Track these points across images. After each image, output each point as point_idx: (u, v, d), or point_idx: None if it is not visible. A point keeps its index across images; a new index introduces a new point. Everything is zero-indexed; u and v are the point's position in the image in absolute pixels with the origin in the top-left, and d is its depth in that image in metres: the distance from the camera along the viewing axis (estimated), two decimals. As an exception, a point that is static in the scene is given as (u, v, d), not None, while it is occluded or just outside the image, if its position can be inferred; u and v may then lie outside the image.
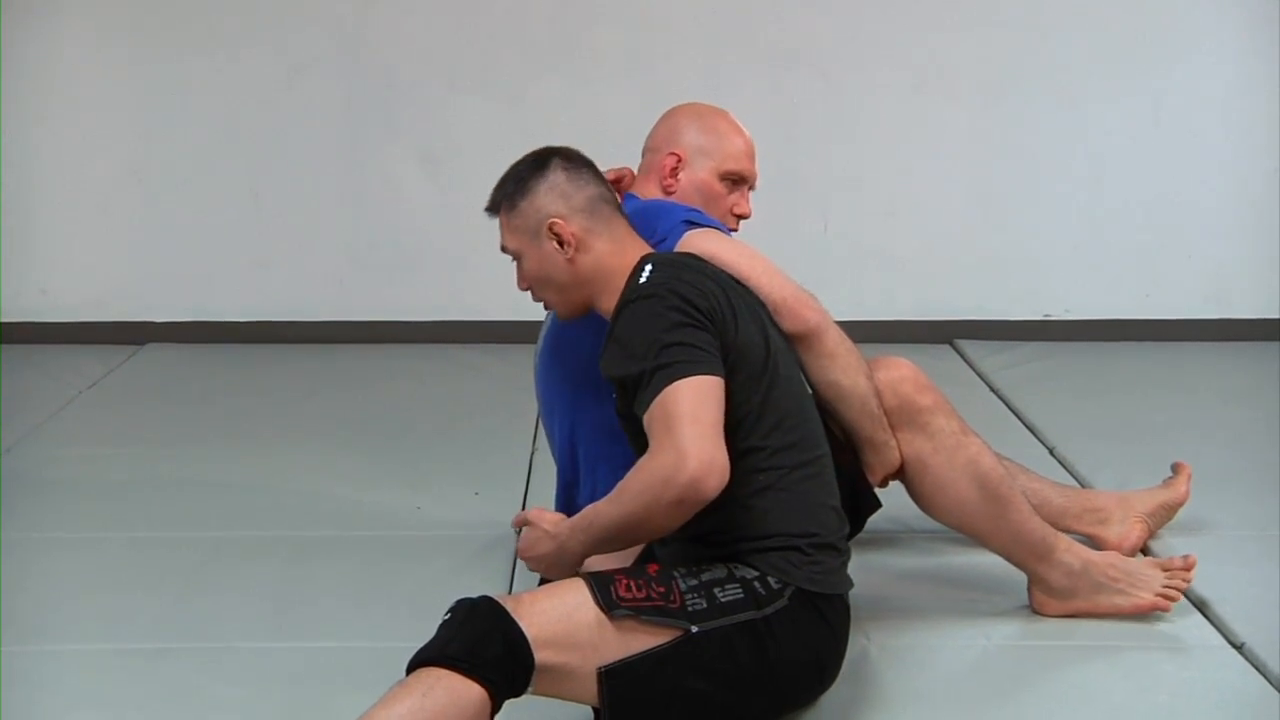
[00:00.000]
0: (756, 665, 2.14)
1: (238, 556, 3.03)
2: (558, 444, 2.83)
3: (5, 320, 4.88)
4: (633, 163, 2.91)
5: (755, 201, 2.86)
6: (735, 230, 2.80)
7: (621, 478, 2.18)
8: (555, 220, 2.34)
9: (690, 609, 2.12)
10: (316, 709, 2.36)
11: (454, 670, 1.98)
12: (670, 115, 2.86)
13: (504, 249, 2.44)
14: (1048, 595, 2.65)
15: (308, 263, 4.97)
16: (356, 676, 2.37)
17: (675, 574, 2.17)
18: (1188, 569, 2.66)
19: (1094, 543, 2.85)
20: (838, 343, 2.54)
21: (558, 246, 2.34)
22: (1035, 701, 2.41)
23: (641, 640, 2.09)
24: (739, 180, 2.81)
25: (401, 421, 4.08)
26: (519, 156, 2.43)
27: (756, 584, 2.17)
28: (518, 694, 2.05)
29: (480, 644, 2.00)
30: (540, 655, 2.03)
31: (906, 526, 3.05)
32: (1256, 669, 2.51)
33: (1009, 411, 4.12)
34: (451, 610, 2.08)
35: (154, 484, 3.50)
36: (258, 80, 4.88)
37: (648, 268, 2.28)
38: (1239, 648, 2.59)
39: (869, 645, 2.55)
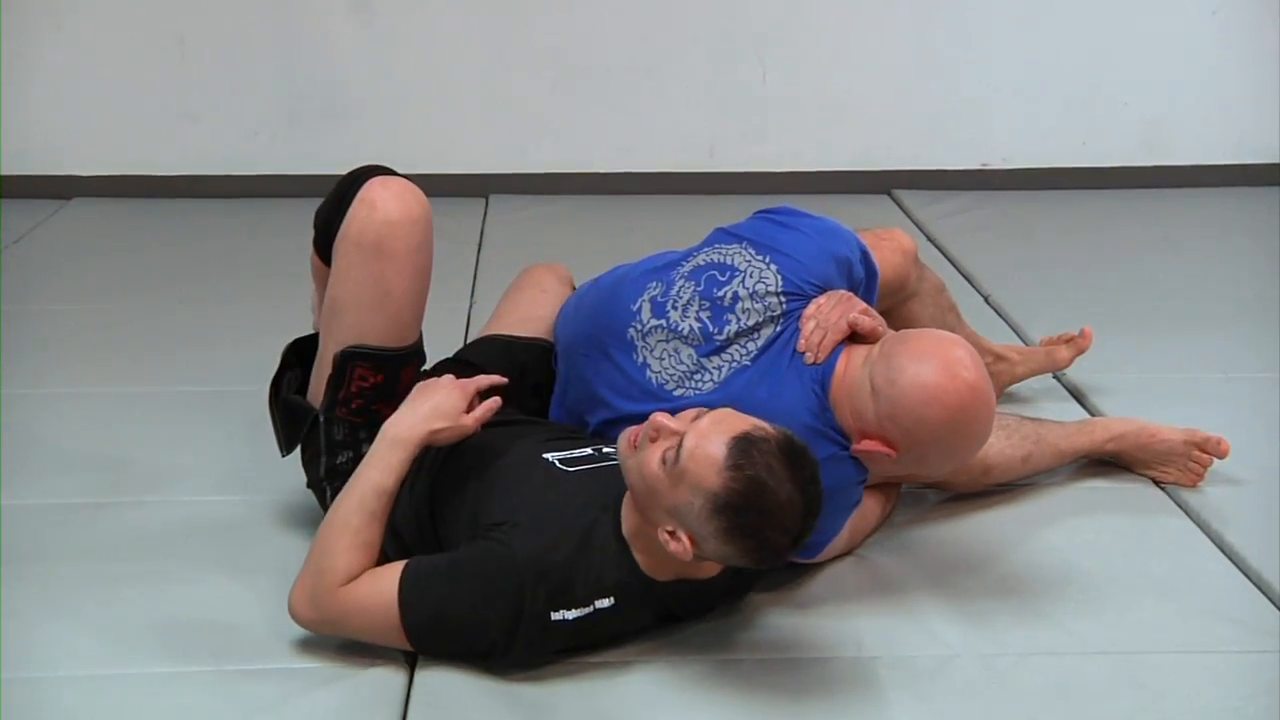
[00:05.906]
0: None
1: (181, 411, 3.02)
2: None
3: (-73, 176, 4.77)
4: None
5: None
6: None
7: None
8: (680, 533, 2.05)
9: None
10: (248, 555, 2.41)
11: None
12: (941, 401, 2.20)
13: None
14: None
15: (237, 115, 4.87)
16: (295, 525, 2.43)
17: None
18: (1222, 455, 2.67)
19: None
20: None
21: (668, 536, 2.07)
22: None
23: None
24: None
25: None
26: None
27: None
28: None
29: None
30: None
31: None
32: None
33: (946, 260, 4.13)
34: None
35: (86, 340, 3.47)
36: (181, -77, 4.72)
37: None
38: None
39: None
